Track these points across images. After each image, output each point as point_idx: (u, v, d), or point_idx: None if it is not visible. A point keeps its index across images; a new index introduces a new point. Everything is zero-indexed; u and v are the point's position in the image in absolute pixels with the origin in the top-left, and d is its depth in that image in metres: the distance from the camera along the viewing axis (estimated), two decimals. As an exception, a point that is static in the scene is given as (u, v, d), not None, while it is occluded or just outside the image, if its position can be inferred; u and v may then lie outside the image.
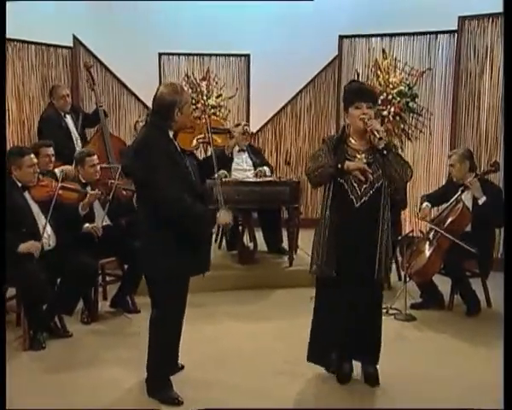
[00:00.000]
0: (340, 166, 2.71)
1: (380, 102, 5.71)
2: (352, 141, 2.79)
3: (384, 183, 2.72)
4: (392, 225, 2.87)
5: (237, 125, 5.41)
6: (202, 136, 3.01)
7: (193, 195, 2.62)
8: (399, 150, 2.95)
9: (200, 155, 6.10)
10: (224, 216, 2.90)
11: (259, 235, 5.30)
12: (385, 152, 2.66)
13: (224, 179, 4.75)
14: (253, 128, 6.90)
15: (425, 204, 4.35)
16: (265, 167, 5.32)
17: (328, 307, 2.81)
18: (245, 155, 5.36)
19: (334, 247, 2.74)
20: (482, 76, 5.46)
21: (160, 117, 2.62)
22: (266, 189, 4.77)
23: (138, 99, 6.63)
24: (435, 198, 4.48)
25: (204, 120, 3.99)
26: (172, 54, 6.72)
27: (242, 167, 5.30)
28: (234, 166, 5.25)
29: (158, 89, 2.70)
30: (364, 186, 2.72)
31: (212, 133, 2.99)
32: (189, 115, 2.71)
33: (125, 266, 4.13)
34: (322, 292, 2.86)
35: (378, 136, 2.62)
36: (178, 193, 2.55)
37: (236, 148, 5.27)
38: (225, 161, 3.36)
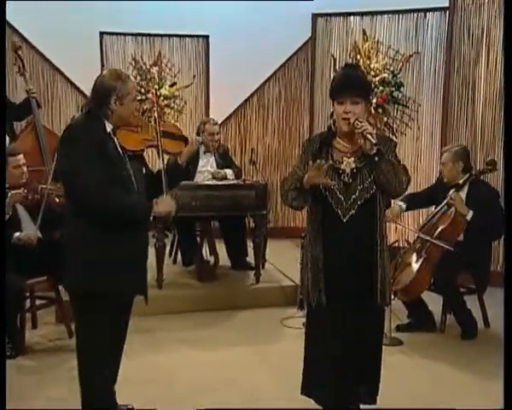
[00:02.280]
0: (298, 184, 2.66)
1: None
2: (340, 142, 2.73)
3: (378, 192, 2.68)
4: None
5: (206, 121, 5.37)
6: (150, 137, 2.83)
7: None
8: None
9: (153, 161, 6.07)
10: (165, 204, 2.64)
11: (221, 247, 5.29)
12: (376, 159, 2.59)
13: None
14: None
15: (396, 203, 4.33)
16: (227, 170, 5.32)
17: (320, 335, 2.77)
18: (211, 157, 5.37)
19: (321, 268, 2.70)
20: (477, 62, 5.55)
21: (95, 103, 2.58)
22: (228, 193, 4.77)
23: (76, 88, 6.51)
24: (420, 199, 4.52)
25: (154, 119, 3.91)
26: (116, 34, 6.64)
27: (207, 170, 5.31)
28: (200, 166, 5.27)
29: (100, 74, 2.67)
30: (353, 197, 2.66)
31: (161, 136, 2.78)
32: (132, 110, 2.64)
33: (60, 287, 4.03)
34: (313, 319, 2.82)
35: (373, 141, 2.56)
36: (105, 189, 2.47)
37: (202, 148, 5.28)
38: (179, 174, 2.96)
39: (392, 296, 4.03)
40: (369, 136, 2.55)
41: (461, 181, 4.19)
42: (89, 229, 2.53)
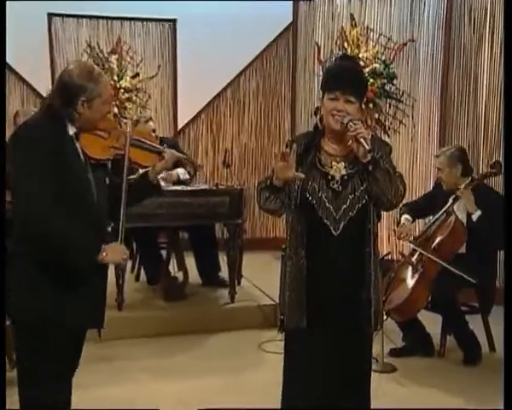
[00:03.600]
0: (268, 182, 2.63)
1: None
2: (329, 143, 2.71)
3: (370, 202, 2.67)
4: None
5: (136, 122, 5.25)
6: (119, 145, 2.72)
7: (86, 220, 2.49)
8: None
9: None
10: (113, 252, 2.54)
11: (190, 262, 5.27)
12: (370, 168, 2.57)
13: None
14: (182, 119, 6.90)
15: (404, 217, 4.39)
16: (178, 169, 5.19)
17: (299, 363, 2.75)
18: None
19: (303, 287, 2.69)
20: (480, 49, 5.59)
21: (59, 103, 2.51)
22: (198, 200, 4.76)
23: (20, 78, 6.44)
24: (418, 209, 4.53)
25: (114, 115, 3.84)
26: (68, 15, 6.60)
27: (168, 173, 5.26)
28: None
29: (67, 66, 2.61)
30: (343, 207, 2.65)
31: (132, 145, 2.67)
32: (102, 113, 2.55)
33: None
34: (292, 344, 2.80)
35: (367, 147, 2.52)
36: (49, 208, 2.39)
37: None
38: (146, 192, 2.88)
39: (385, 316, 4.07)
40: (363, 141, 2.53)
41: (462, 186, 4.23)
42: (30, 250, 2.47)
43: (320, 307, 2.70)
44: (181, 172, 5.26)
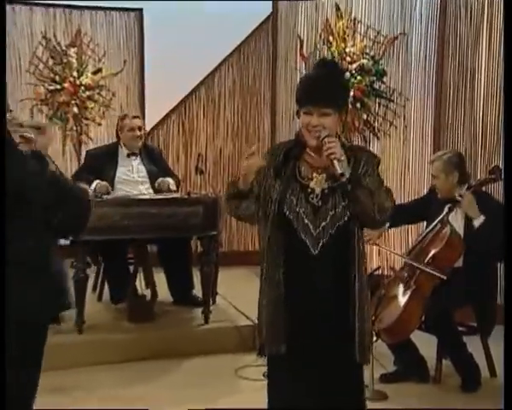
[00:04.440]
0: (235, 190, 2.69)
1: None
2: (310, 153, 2.74)
3: (353, 219, 2.69)
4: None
5: (123, 117, 5.35)
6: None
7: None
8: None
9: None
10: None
11: (160, 278, 5.26)
12: (348, 187, 2.61)
13: (104, 197, 4.69)
14: (151, 120, 6.86)
15: None
16: (169, 178, 5.32)
17: (284, 393, 2.76)
18: (137, 162, 5.34)
19: (282, 310, 2.70)
20: (477, 43, 5.63)
21: None
22: (169, 210, 4.74)
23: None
24: (406, 213, 4.55)
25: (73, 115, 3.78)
26: (20, 2, 6.58)
27: (132, 179, 5.28)
28: (119, 176, 5.23)
29: None
30: (322, 224, 2.67)
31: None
32: None
33: None
34: (275, 373, 2.81)
35: (338, 171, 2.56)
36: None
37: (124, 151, 5.27)
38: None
39: (375, 338, 4.06)
40: (335, 163, 2.57)
41: (464, 189, 4.25)
42: None
43: (300, 334, 2.71)
44: (171, 182, 5.28)
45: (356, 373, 2.79)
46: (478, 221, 4.13)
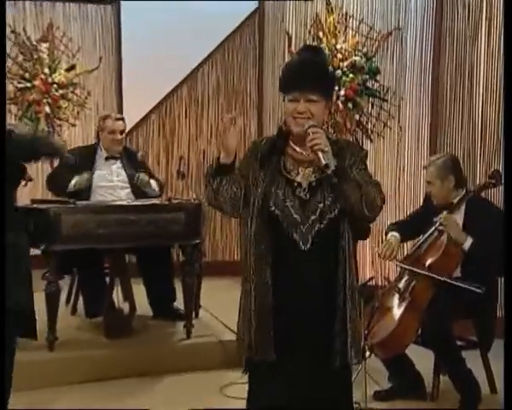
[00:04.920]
0: (215, 164, 2.69)
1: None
2: (294, 147, 2.76)
3: (342, 214, 2.72)
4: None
5: (105, 117, 5.34)
6: None
7: None
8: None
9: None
10: None
11: (139, 290, 5.24)
12: (335, 180, 2.63)
13: (78, 204, 4.67)
14: (129, 120, 6.83)
15: (390, 234, 4.40)
16: (152, 180, 5.35)
17: (267, 399, 2.77)
18: (116, 165, 5.34)
19: (269, 316, 2.71)
20: (476, 41, 5.64)
21: None
22: (148, 217, 4.74)
23: None
24: (407, 228, 4.54)
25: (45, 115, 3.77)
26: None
27: (111, 184, 5.28)
28: (96, 180, 5.22)
29: None
30: (312, 218, 2.69)
31: None
32: None
33: None
34: (257, 383, 2.82)
35: (323, 162, 2.58)
36: None
37: (103, 154, 5.29)
38: None
39: (368, 353, 4.06)
40: (320, 154, 2.59)
41: (455, 200, 4.25)
42: None
43: (288, 338, 2.72)
44: (154, 184, 5.31)
45: (346, 375, 2.84)
46: (467, 244, 4.12)
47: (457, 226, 4.15)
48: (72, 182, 5.02)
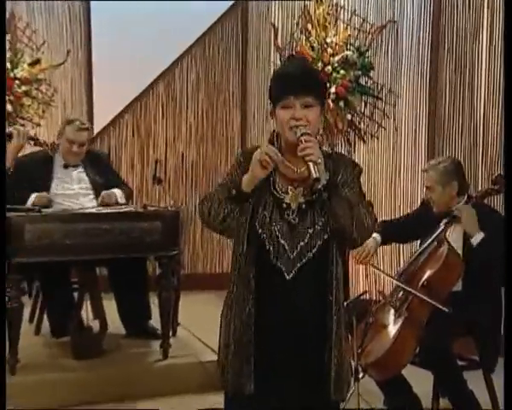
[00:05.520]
0: (234, 191, 2.64)
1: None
2: (284, 163, 2.74)
3: (332, 239, 2.73)
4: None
5: (69, 122, 5.28)
6: None
7: None
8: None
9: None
10: None
11: (110, 306, 5.23)
12: (324, 196, 2.64)
13: (43, 211, 4.65)
14: (100, 120, 6.84)
15: (372, 236, 4.37)
16: (116, 190, 5.28)
17: None
18: (77, 171, 5.30)
19: (250, 345, 2.72)
20: (477, 36, 5.67)
21: None
22: (121, 226, 4.73)
23: None
24: (398, 229, 4.57)
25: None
26: None
27: (72, 192, 5.24)
28: (55, 188, 5.18)
29: None
30: (300, 244, 2.70)
31: None
32: None
33: None
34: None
35: (313, 174, 2.56)
36: None
37: (61, 160, 5.22)
38: None
39: (361, 374, 4.06)
40: (311, 166, 2.57)
41: (461, 203, 4.26)
42: None
43: (270, 370, 2.73)
44: (119, 194, 5.25)
45: (336, 403, 2.84)
46: (477, 238, 4.14)
47: (474, 218, 4.15)
48: (31, 199, 4.95)
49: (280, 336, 2.72)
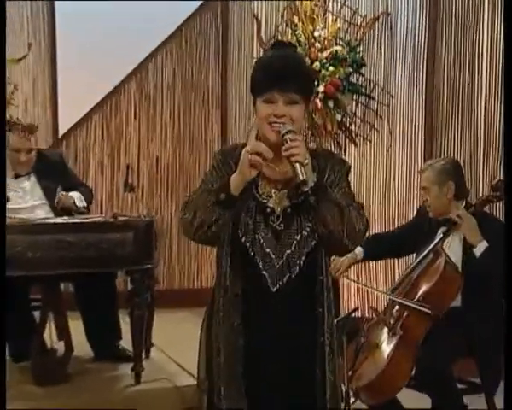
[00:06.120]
0: (223, 196, 2.63)
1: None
2: (267, 164, 2.73)
3: (321, 245, 2.73)
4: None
5: (12, 124, 5.21)
6: None
7: None
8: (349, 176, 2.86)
9: None
10: None
11: (77, 326, 5.22)
12: (312, 200, 2.63)
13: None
14: (65, 120, 6.83)
15: (356, 250, 4.41)
16: (74, 193, 5.23)
17: None
18: (28, 182, 5.28)
19: (238, 364, 2.74)
20: (478, 28, 5.68)
21: None
22: (89, 237, 4.72)
23: None
24: (389, 243, 4.60)
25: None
26: None
27: (26, 204, 5.22)
28: (9, 203, 5.06)
29: None
30: (287, 252, 2.71)
31: None
32: None
33: None
34: None
35: (300, 176, 2.57)
36: None
37: (10, 171, 5.14)
38: None
39: (352, 398, 4.07)
40: (297, 167, 2.57)
41: (455, 215, 4.27)
42: None
43: (259, 389, 2.73)
44: (77, 198, 5.21)
45: None
46: (480, 248, 4.15)
47: (475, 225, 4.17)
48: None
49: (269, 352, 2.72)
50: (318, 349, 2.73)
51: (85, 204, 5.28)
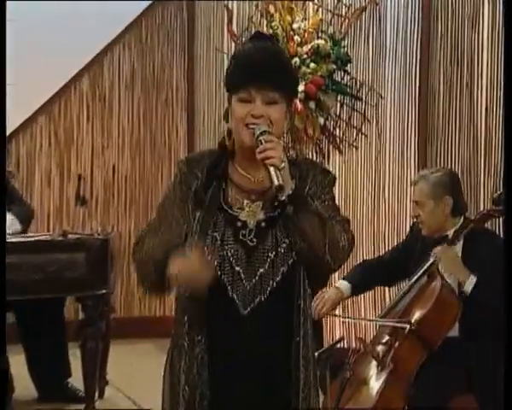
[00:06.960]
0: (160, 268, 2.63)
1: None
2: (239, 171, 2.76)
3: (299, 264, 2.72)
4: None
5: None
6: None
7: None
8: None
9: None
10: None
11: (19, 362, 5.23)
12: (290, 210, 2.64)
13: None
14: (10, 122, 6.78)
15: (340, 283, 4.46)
16: (8, 215, 5.11)
17: None
18: None
19: (203, 395, 2.73)
20: (477, 22, 5.73)
21: None
22: (35, 259, 4.77)
23: None
24: (379, 271, 4.63)
25: None
26: None
27: None
28: None
29: None
30: (260, 271, 2.69)
31: None
32: None
33: None
34: None
35: (275, 181, 2.57)
36: None
37: None
38: None
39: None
40: (272, 171, 2.58)
41: (450, 232, 4.31)
42: None
43: None
44: (9, 221, 5.11)
45: None
46: (469, 284, 4.16)
47: (457, 260, 4.21)
48: None
49: (238, 384, 2.72)
50: (292, 383, 2.72)
51: (19, 227, 5.21)
